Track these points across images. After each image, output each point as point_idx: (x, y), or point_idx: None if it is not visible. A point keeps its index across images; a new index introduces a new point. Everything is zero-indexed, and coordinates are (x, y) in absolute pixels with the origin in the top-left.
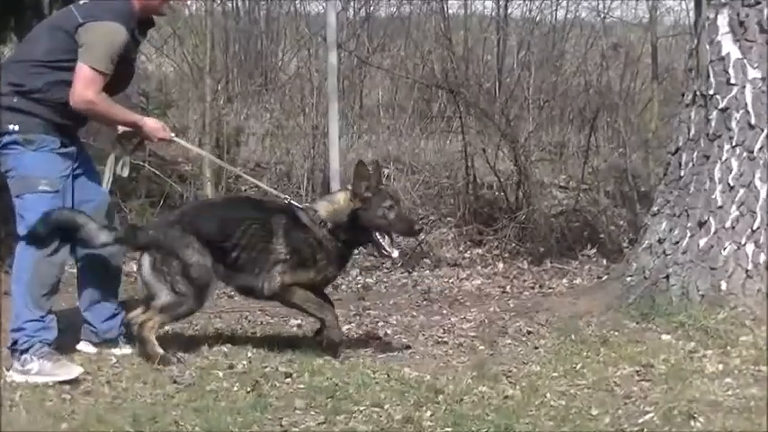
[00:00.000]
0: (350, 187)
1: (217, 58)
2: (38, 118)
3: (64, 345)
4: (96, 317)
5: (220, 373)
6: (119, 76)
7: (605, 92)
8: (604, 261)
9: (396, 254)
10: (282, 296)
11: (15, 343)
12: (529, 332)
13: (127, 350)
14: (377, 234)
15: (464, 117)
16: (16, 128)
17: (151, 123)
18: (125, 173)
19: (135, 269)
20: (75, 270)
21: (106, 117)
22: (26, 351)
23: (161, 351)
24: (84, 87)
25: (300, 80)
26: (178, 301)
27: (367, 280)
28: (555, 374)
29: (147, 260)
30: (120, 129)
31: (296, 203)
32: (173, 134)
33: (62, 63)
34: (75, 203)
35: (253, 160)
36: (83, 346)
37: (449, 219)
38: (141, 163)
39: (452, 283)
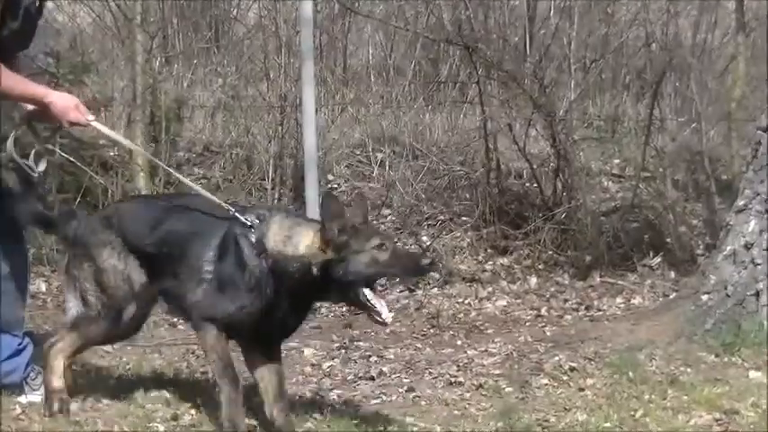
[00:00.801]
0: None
1: (150, 5)
2: None
3: None
4: None
5: (161, 427)
6: (12, 31)
7: (673, 47)
8: (672, 274)
9: (390, 317)
10: (197, 328)
11: None
12: (572, 369)
13: (36, 397)
14: (363, 291)
15: (483, 82)
16: None
17: (60, 100)
18: (40, 167)
19: (43, 289)
20: None
21: (3, 91)
22: None
23: (59, 386)
24: None
25: (263, 34)
26: (88, 315)
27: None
28: (607, 425)
29: (63, 260)
30: (28, 106)
31: (243, 218)
32: (91, 116)
33: None
34: None
35: (200, 143)
36: None
37: (464, 219)
38: (50, 147)
39: (469, 304)
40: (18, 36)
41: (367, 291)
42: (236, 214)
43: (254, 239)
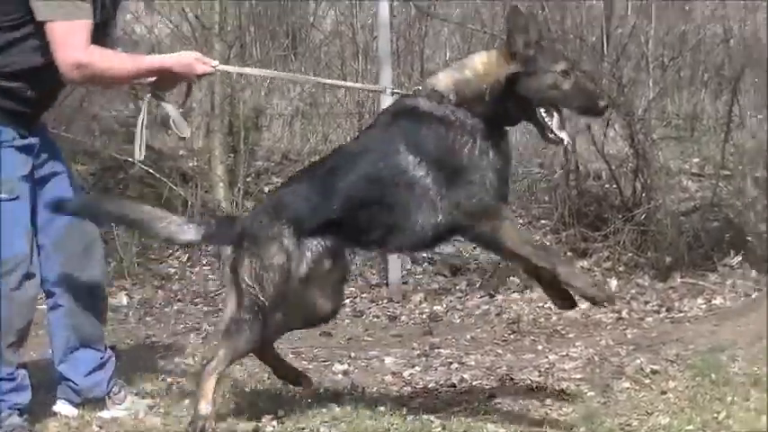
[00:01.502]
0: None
1: (228, 15)
2: None
3: (35, 407)
4: (76, 369)
5: None
6: (98, 29)
7: (751, 43)
8: (754, 273)
9: (567, 139)
10: (486, 237)
11: None
12: (654, 372)
13: (119, 411)
14: (542, 111)
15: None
16: None
17: (181, 60)
18: (186, 132)
19: (124, 303)
20: (44, 307)
21: (112, 76)
22: None
23: (205, 412)
24: (63, 49)
25: (340, 40)
26: (240, 318)
27: (434, 307)
28: (690, 428)
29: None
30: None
31: (398, 91)
32: (215, 62)
33: (8, 21)
34: (41, 217)
35: (278, 151)
36: (60, 408)
37: (543, 221)
38: (130, 158)
39: (549, 308)
40: (98, 31)
41: (545, 111)
42: (393, 89)
43: (427, 98)
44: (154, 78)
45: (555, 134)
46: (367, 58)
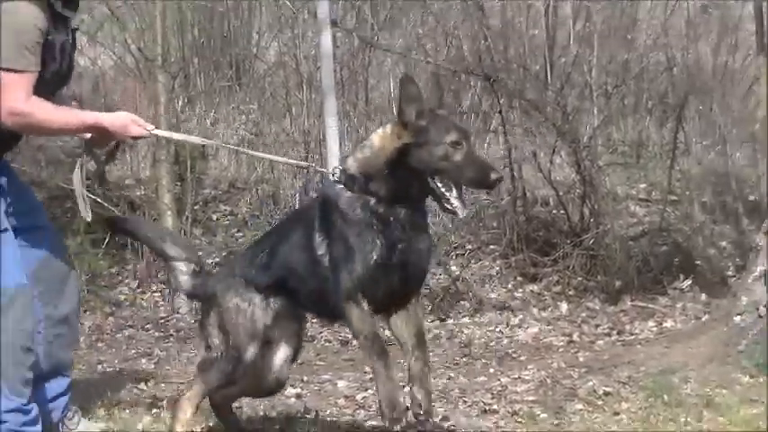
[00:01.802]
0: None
1: (171, 46)
2: None
3: None
4: (43, 395)
5: None
6: (53, 73)
7: (694, 71)
8: (703, 296)
9: (462, 211)
10: (340, 316)
11: None
12: (606, 393)
13: None
14: (437, 182)
15: (506, 112)
16: None
17: (117, 120)
18: (87, 216)
19: None
20: None
21: (49, 128)
22: None
23: None
24: (6, 98)
25: (284, 70)
26: (209, 358)
27: (386, 332)
28: None
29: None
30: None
31: (320, 169)
32: (151, 126)
33: None
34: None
35: (225, 180)
36: None
37: (492, 247)
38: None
39: (501, 332)
40: (58, 75)
41: (438, 182)
42: (315, 167)
43: (338, 178)
44: (89, 135)
45: (450, 204)
46: (311, 88)
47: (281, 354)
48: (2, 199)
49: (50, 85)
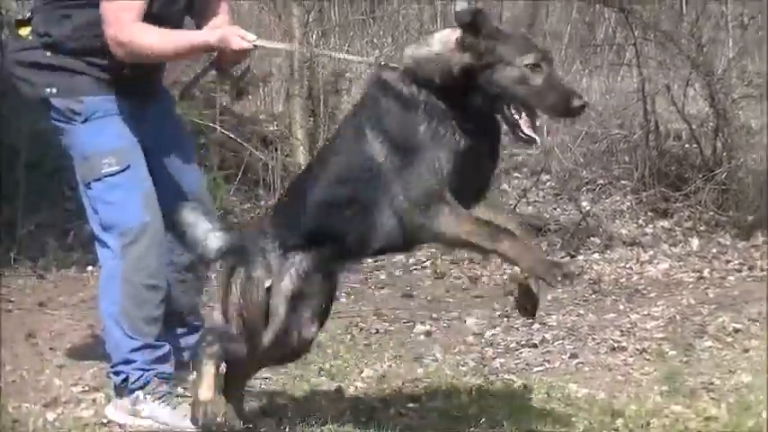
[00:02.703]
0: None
1: None
2: (79, 75)
3: None
4: (171, 335)
5: (324, 401)
6: (173, 3)
7: None
8: None
9: (539, 139)
10: (426, 227)
11: (125, 380)
12: (736, 330)
13: None
14: (509, 108)
15: (640, 44)
16: (54, 91)
17: (217, 37)
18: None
19: None
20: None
21: (155, 54)
22: (140, 389)
23: (207, 396)
24: (109, 25)
25: (419, 3)
26: (227, 332)
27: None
28: None
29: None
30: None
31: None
32: (252, 36)
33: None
34: (160, 188)
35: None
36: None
37: (623, 182)
38: (211, 124)
39: (631, 268)
40: (172, 8)
41: (513, 108)
42: (385, 63)
43: (400, 72)
44: (215, 55)
45: (524, 133)
46: (445, 21)
47: (307, 323)
48: (143, 124)
49: (172, 13)
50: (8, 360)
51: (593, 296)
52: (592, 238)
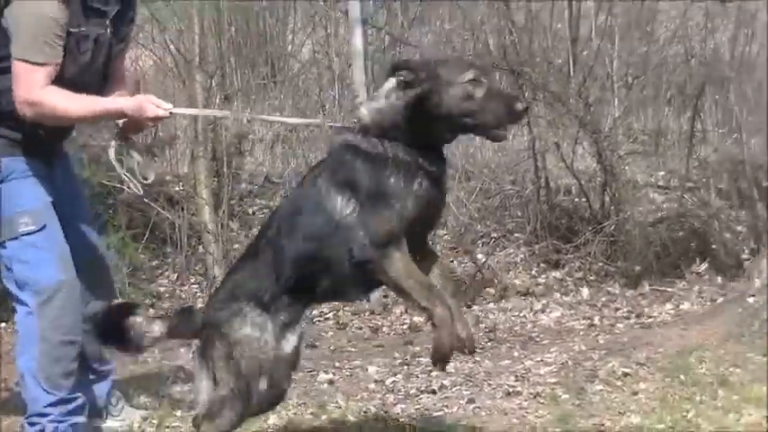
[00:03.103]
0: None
1: (208, 46)
2: None
3: None
4: (84, 385)
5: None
6: (95, 65)
7: (712, 62)
8: (719, 279)
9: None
10: (377, 267)
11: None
12: (625, 374)
13: (116, 422)
14: (464, 128)
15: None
16: None
17: (133, 104)
18: (150, 177)
19: None
20: None
21: (66, 116)
22: None
23: None
24: (20, 88)
25: (317, 68)
26: (219, 395)
27: (414, 319)
28: (661, 426)
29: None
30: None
31: (335, 124)
32: (168, 104)
33: (7, 62)
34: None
35: (261, 174)
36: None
37: (516, 235)
38: (118, 185)
39: (525, 317)
40: (93, 67)
41: (468, 128)
42: (330, 123)
43: (357, 131)
44: (121, 121)
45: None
46: (343, 85)
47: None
48: (53, 187)
49: (88, 75)
50: None
51: (489, 344)
52: (487, 289)
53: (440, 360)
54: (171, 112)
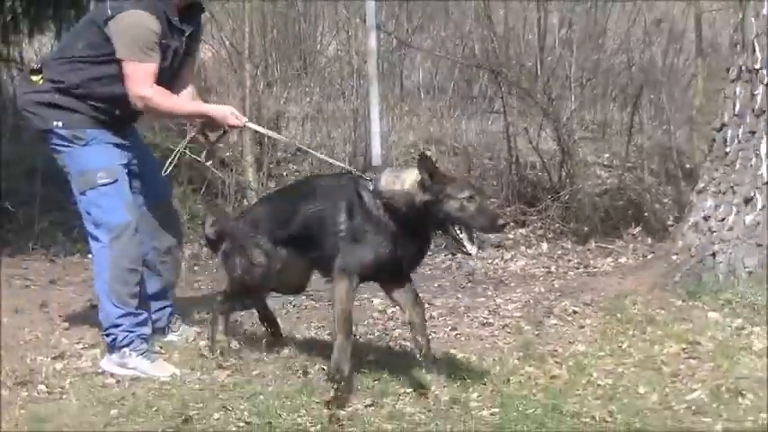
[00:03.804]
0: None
1: (255, 43)
2: (81, 114)
3: None
4: (152, 306)
5: (266, 359)
6: (172, 70)
7: (648, 68)
8: (649, 240)
9: (474, 251)
10: (334, 280)
11: (114, 340)
12: (574, 312)
13: (175, 336)
14: (454, 227)
15: (505, 97)
16: (60, 124)
17: (218, 111)
18: (209, 161)
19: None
20: None
21: (165, 111)
22: (126, 346)
23: (222, 338)
24: (132, 83)
25: (340, 63)
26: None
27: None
28: (601, 354)
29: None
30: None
31: (357, 172)
32: (245, 119)
33: (100, 57)
34: (142, 194)
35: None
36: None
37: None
38: (183, 150)
39: (497, 264)
40: (170, 70)
41: (457, 227)
42: (356, 173)
43: (371, 188)
44: (201, 120)
45: (465, 247)
46: (360, 77)
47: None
48: (126, 153)
49: (164, 76)
50: (26, 324)
51: (469, 285)
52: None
53: (334, 381)
54: (245, 125)
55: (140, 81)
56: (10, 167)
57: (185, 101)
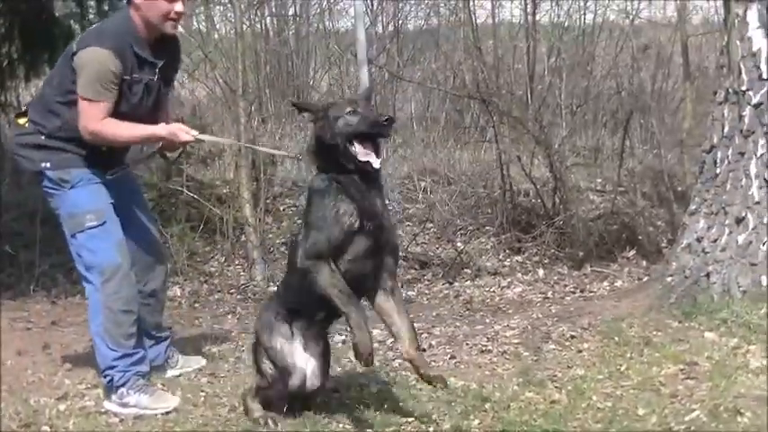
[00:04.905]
0: None
1: (249, 80)
2: (68, 152)
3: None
4: (143, 347)
5: None
6: (149, 102)
7: (637, 93)
8: (644, 262)
9: (375, 161)
10: (310, 279)
11: (111, 381)
12: (572, 336)
13: (174, 372)
14: (347, 145)
15: (497, 126)
16: (48, 165)
17: (168, 131)
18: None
19: (178, 294)
20: None
21: (117, 141)
22: (123, 386)
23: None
24: (83, 119)
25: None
26: (262, 384)
27: (409, 293)
28: (600, 377)
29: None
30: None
31: (291, 155)
32: (195, 132)
33: (71, 97)
34: (128, 235)
35: (289, 179)
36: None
37: (487, 228)
38: (179, 188)
39: (494, 291)
40: (144, 105)
41: (357, 146)
42: (289, 154)
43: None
44: (159, 144)
45: (360, 159)
46: None
47: (311, 369)
48: (112, 191)
49: (143, 109)
50: (29, 366)
51: (467, 312)
52: (465, 270)
53: (364, 358)
54: (196, 138)
55: (91, 118)
56: (10, 211)
57: (134, 127)
